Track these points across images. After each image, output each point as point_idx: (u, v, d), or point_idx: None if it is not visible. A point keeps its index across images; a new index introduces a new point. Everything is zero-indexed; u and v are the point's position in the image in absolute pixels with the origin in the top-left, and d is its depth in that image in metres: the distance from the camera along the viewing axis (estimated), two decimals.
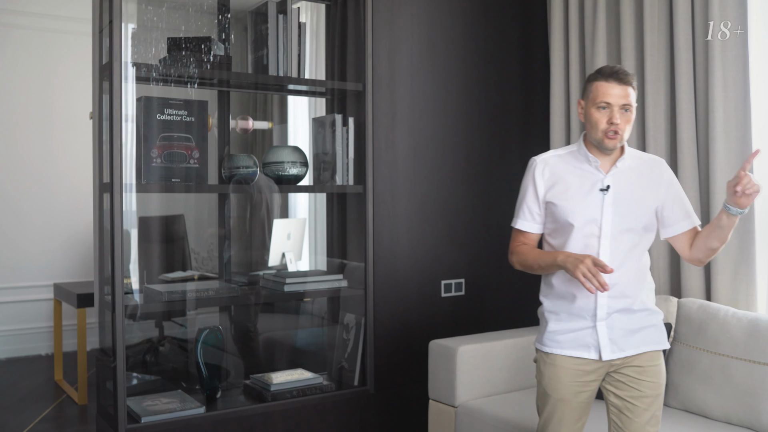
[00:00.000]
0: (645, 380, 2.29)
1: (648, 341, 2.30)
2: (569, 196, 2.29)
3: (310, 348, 3.91)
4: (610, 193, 2.27)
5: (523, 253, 2.37)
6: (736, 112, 3.04)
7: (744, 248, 3.02)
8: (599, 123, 2.24)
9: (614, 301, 2.26)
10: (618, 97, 2.22)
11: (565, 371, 2.29)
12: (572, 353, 2.29)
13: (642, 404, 2.29)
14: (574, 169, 2.32)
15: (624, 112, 2.24)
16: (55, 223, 6.01)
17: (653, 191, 2.31)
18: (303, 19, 3.50)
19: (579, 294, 2.28)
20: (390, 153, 3.51)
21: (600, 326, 2.26)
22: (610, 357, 2.26)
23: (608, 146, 2.25)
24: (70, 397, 4.70)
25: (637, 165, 2.33)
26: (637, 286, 2.30)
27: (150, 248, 4.30)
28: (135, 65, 3.03)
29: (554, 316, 2.34)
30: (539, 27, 3.99)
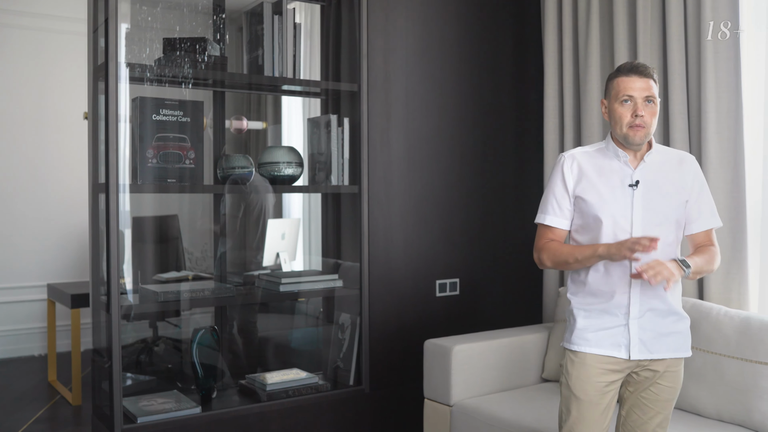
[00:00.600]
0: (663, 384, 2.30)
1: (675, 347, 2.30)
2: (598, 191, 2.28)
3: (305, 348, 3.92)
4: (639, 188, 2.27)
5: (553, 249, 2.34)
6: (728, 113, 3.06)
7: (736, 248, 3.05)
8: (623, 117, 2.25)
9: (647, 299, 2.26)
10: (640, 89, 2.23)
11: (593, 370, 2.27)
12: (601, 351, 2.27)
13: (656, 407, 2.31)
14: (602, 165, 2.32)
15: (647, 104, 2.24)
16: (49, 224, 6.00)
17: (681, 186, 2.31)
18: (298, 20, 3.51)
19: (612, 291, 2.26)
20: (385, 153, 3.53)
21: (632, 324, 2.26)
22: (639, 357, 2.26)
23: (635, 140, 2.25)
24: (64, 398, 4.70)
25: (665, 160, 2.33)
26: (673, 287, 2.25)
27: (144, 248, 4.30)
28: (129, 65, 3.03)
29: (584, 313, 2.31)
30: (533, 28, 4.01)
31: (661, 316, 2.28)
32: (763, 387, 2.66)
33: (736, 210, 3.05)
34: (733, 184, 3.06)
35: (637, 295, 2.25)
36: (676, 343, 2.30)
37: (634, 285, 2.24)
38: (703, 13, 3.10)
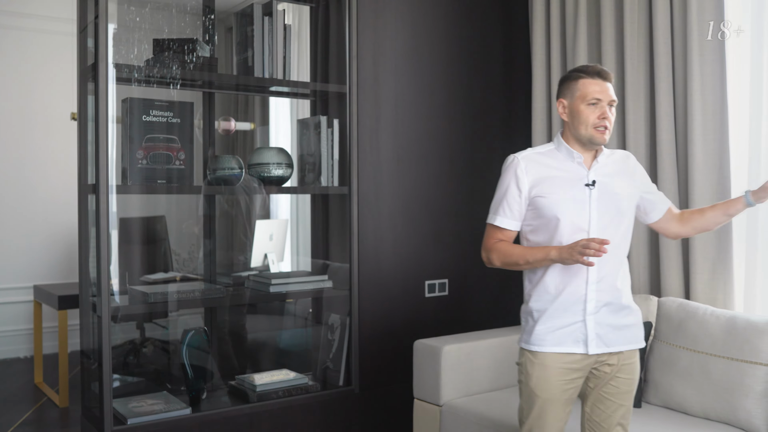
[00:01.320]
0: (621, 377, 2.35)
1: (630, 340, 2.36)
2: (556, 191, 2.31)
3: (294, 348, 3.93)
4: (595, 187, 2.32)
5: (503, 250, 2.37)
6: (714, 114, 3.10)
7: (721, 248, 3.09)
8: (589, 118, 2.29)
9: (603, 294, 2.30)
10: (607, 93, 2.30)
11: (554, 370, 2.30)
12: (561, 349, 2.30)
13: (618, 399, 2.36)
14: (557, 166, 2.36)
15: (611, 108, 2.32)
16: (35, 225, 5.96)
17: (630, 183, 2.40)
18: (288, 22, 3.52)
19: (569, 289, 2.30)
20: (374, 154, 3.54)
21: (589, 320, 2.29)
22: (596, 351, 2.30)
23: (599, 141, 2.31)
24: (51, 400, 4.67)
25: (613, 160, 2.42)
26: (624, 279, 2.36)
27: (131, 250, 4.29)
28: (119, 66, 3.03)
29: (542, 314, 2.33)
30: (521, 29, 4.04)
31: (615, 311, 2.33)
32: (748, 385, 2.69)
33: None
34: (718, 185, 3.10)
35: (594, 291, 2.29)
36: (630, 335, 2.36)
37: (590, 282, 2.29)
38: (689, 15, 3.14)
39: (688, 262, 3.24)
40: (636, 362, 2.39)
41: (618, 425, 2.37)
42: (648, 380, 3.02)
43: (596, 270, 2.27)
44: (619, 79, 3.50)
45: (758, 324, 2.74)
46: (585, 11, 3.63)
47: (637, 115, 3.40)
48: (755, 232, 3.09)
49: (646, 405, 2.99)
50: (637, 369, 2.40)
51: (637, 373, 2.40)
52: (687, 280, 3.26)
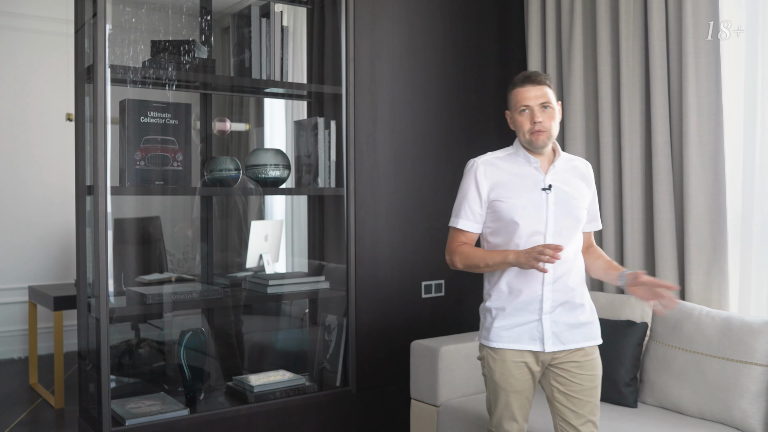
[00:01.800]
0: (583, 373, 2.42)
1: (587, 337, 2.43)
2: (513, 195, 2.39)
3: (291, 349, 3.93)
4: (552, 192, 2.38)
5: (465, 252, 2.45)
6: (709, 117, 3.13)
7: (716, 249, 3.11)
8: (524, 125, 2.38)
9: (559, 294, 2.38)
10: (535, 98, 2.36)
11: (513, 364, 2.40)
12: (518, 346, 2.39)
13: (584, 396, 2.42)
14: (515, 170, 2.43)
15: (545, 110, 2.37)
16: (29, 226, 5.94)
17: (584, 190, 2.46)
18: (285, 23, 3.52)
19: (526, 289, 2.38)
20: (371, 156, 3.55)
21: (545, 319, 2.38)
22: (552, 349, 2.39)
23: (537, 144, 2.37)
24: (46, 401, 4.66)
25: (570, 166, 2.48)
26: (579, 280, 2.44)
27: (126, 250, 4.29)
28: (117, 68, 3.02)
29: (500, 312, 2.42)
30: (517, 31, 4.05)
31: (571, 310, 2.40)
32: (743, 385, 2.71)
33: (717, 212, 3.11)
34: (713, 186, 3.12)
35: (549, 292, 2.37)
36: (586, 332, 2.43)
37: (546, 283, 2.37)
38: (684, 16, 3.16)
39: (683, 262, 3.26)
40: (596, 359, 2.45)
41: (588, 422, 2.42)
42: (644, 380, 3.04)
43: (552, 271, 2.35)
44: (615, 81, 3.52)
45: (753, 324, 2.76)
46: (580, 13, 3.65)
47: (632, 116, 3.42)
48: (750, 233, 3.12)
49: (642, 405, 3.01)
50: (598, 365, 2.46)
51: (599, 369, 2.45)
52: (682, 281, 3.28)
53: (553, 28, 3.81)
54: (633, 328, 3.05)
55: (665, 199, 3.27)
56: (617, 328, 3.07)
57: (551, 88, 2.39)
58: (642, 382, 3.05)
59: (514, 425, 2.45)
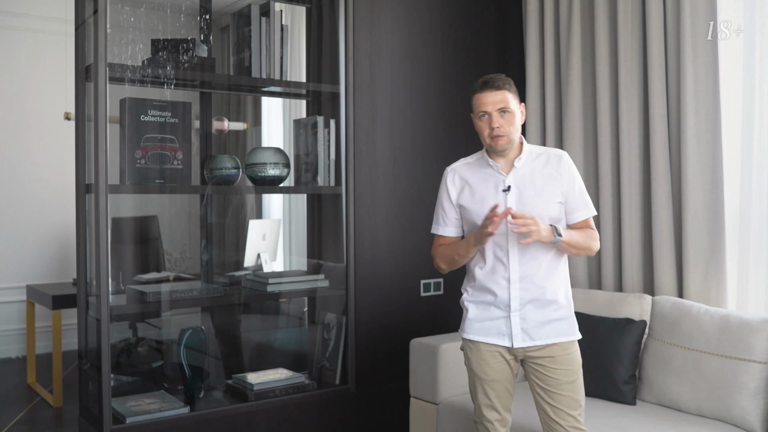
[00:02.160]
0: (559, 368, 2.45)
1: (558, 333, 2.46)
2: (476, 199, 2.48)
3: (291, 348, 3.94)
4: (512, 192, 2.44)
5: (441, 253, 2.58)
6: (707, 116, 3.14)
7: (714, 247, 3.13)
8: (483, 130, 2.44)
9: (526, 292, 2.43)
10: (492, 103, 2.40)
11: (487, 355, 2.49)
12: (489, 340, 2.48)
13: (562, 390, 2.45)
14: (479, 174, 2.51)
15: (503, 115, 2.41)
16: (27, 225, 5.94)
17: (554, 185, 2.46)
18: (285, 22, 3.53)
19: (494, 287, 2.46)
20: (370, 154, 3.56)
21: (513, 316, 2.44)
22: (521, 345, 2.44)
23: (497, 148, 2.43)
24: (45, 400, 4.66)
25: (537, 162, 2.49)
26: (548, 277, 2.45)
27: (124, 249, 4.29)
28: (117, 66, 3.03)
29: (474, 306, 2.52)
30: (516, 31, 4.07)
31: (541, 307, 2.44)
32: (741, 383, 2.73)
33: (715, 210, 3.13)
34: (711, 184, 3.14)
35: (517, 290, 2.43)
36: (558, 329, 2.45)
37: (512, 281, 2.43)
38: (682, 16, 3.17)
39: (681, 260, 3.28)
40: (572, 353, 2.47)
41: (568, 416, 2.45)
42: (642, 378, 3.06)
43: (517, 269, 2.42)
44: (613, 80, 3.53)
45: (751, 322, 2.78)
46: (578, 12, 3.66)
47: (631, 115, 3.44)
48: (747, 231, 3.13)
49: (641, 403, 3.02)
50: (575, 360, 2.47)
51: (577, 364, 2.47)
52: (680, 279, 3.29)
53: (552, 27, 3.82)
54: (632, 326, 3.06)
55: (663, 198, 3.29)
56: (616, 326, 3.08)
57: (512, 92, 2.43)
58: (641, 379, 3.06)
59: (494, 414, 2.52)
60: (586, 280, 3.65)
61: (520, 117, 2.45)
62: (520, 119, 2.45)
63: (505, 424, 2.54)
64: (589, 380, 3.04)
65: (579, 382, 2.47)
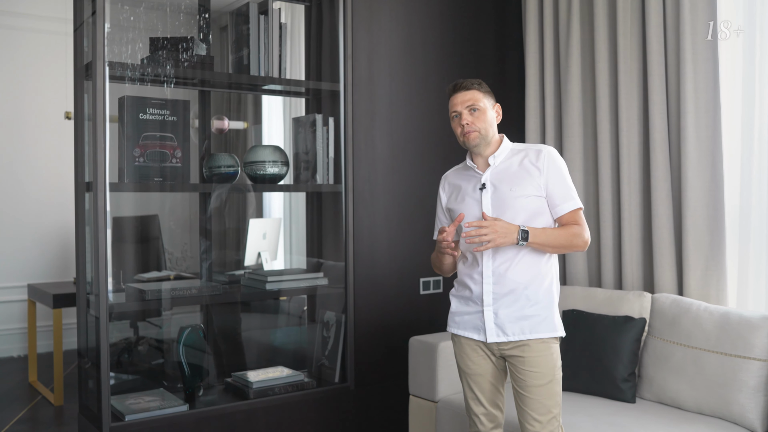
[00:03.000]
0: (528, 370, 2.43)
1: (530, 329, 2.44)
2: (459, 200, 2.55)
3: (290, 346, 3.94)
4: (487, 189, 2.47)
5: (432, 259, 2.66)
6: (707, 113, 3.13)
7: (714, 245, 3.12)
8: (456, 130, 2.50)
9: (498, 287, 2.45)
10: (461, 102, 2.48)
11: (468, 348, 2.54)
12: (466, 334, 2.53)
13: (530, 393, 2.44)
14: (463, 177, 2.59)
15: (473, 112, 2.47)
16: (28, 224, 5.95)
17: (532, 180, 2.46)
18: (284, 20, 3.53)
19: (470, 281, 2.50)
20: (369, 152, 3.56)
21: (486, 311, 2.47)
22: (495, 340, 2.46)
23: (470, 144, 2.48)
24: (46, 398, 4.67)
25: (516, 158, 2.51)
26: (523, 273, 2.44)
27: (124, 248, 4.29)
28: (116, 65, 3.03)
29: (455, 300, 2.59)
30: (515, 28, 4.06)
31: (514, 302, 2.44)
32: (741, 380, 2.72)
33: (715, 208, 3.12)
34: (711, 182, 3.13)
35: (490, 284, 2.46)
36: (532, 325, 2.44)
37: (486, 277, 2.45)
38: (682, 13, 3.17)
39: (681, 258, 3.27)
40: (546, 356, 2.43)
41: (534, 420, 2.43)
42: (642, 376, 3.05)
43: (489, 264, 2.44)
44: (612, 78, 3.53)
45: (751, 319, 2.77)
46: (578, 10, 3.65)
47: (630, 113, 3.43)
48: (747, 229, 3.12)
49: (640, 400, 3.01)
50: (548, 363, 2.43)
51: (548, 367, 2.43)
52: (680, 277, 3.29)
53: (551, 26, 3.81)
54: (631, 323, 3.05)
55: (663, 196, 3.28)
56: (615, 323, 3.08)
57: (482, 92, 2.49)
58: (640, 377, 3.06)
59: (480, 408, 2.54)
60: (585, 277, 3.65)
61: (493, 115, 2.51)
62: (493, 117, 2.51)
63: (492, 419, 2.55)
64: (589, 378, 3.05)
65: (551, 387, 2.43)
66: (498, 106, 2.54)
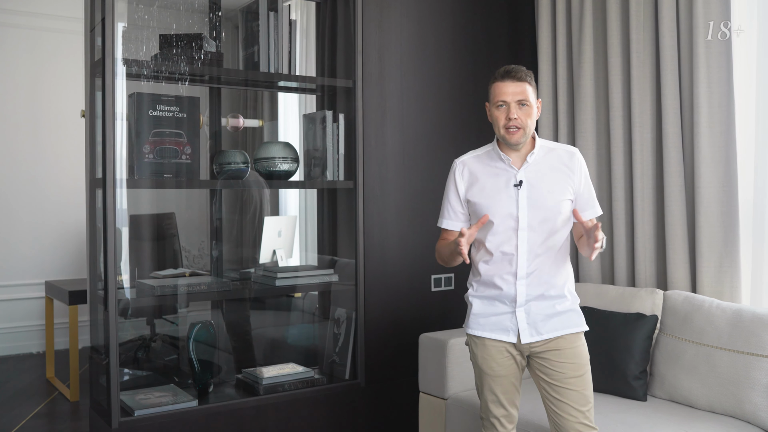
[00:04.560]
0: (565, 362, 2.41)
1: (565, 325, 2.42)
2: (486, 193, 2.43)
3: (301, 343, 3.94)
4: (523, 187, 2.40)
5: (438, 249, 2.55)
6: (720, 107, 3.09)
7: (728, 241, 3.08)
8: (499, 120, 2.39)
9: (532, 288, 2.41)
10: (513, 94, 2.36)
11: (493, 350, 2.46)
12: (493, 336, 2.45)
13: (568, 385, 2.41)
14: (489, 168, 2.46)
15: (521, 107, 2.36)
16: (46, 222, 6.02)
17: (566, 182, 2.42)
18: (294, 17, 3.53)
19: (500, 282, 2.43)
20: (380, 149, 3.55)
21: (519, 312, 2.42)
22: (529, 340, 2.42)
23: (511, 141, 2.38)
24: (62, 394, 4.72)
25: (550, 157, 2.45)
26: (555, 273, 2.43)
27: (141, 246, 4.32)
28: (126, 62, 3.05)
29: (478, 301, 2.49)
30: (527, 23, 4.03)
31: (546, 300, 2.42)
32: (754, 378, 2.68)
33: (728, 204, 3.08)
34: (725, 177, 3.09)
35: (524, 286, 2.40)
36: (568, 321, 2.43)
37: (519, 277, 2.40)
38: (695, 9, 3.13)
39: (694, 255, 3.23)
40: (578, 347, 2.43)
41: (576, 411, 2.40)
42: (653, 373, 3.01)
43: (525, 266, 2.38)
44: (625, 73, 3.49)
45: (764, 317, 2.73)
46: (591, 6, 3.62)
47: (643, 108, 3.39)
48: (762, 225, 3.08)
49: (652, 398, 2.98)
50: (583, 354, 2.43)
51: (584, 358, 2.43)
52: (693, 273, 3.25)
53: (563, 20, 3.78)
54: (643, 320, 3.02)
55: (676, 192, 3.24)
56: (627, 320, 3.05)
57: (532, 86, 2.39)
58: (652, 375, 3.02)
59: (500, 410, 2.49)
60: (599, 275, 3.61)
61: (536, 112, 2.41)
62: (536, 114, 2.41)
63: (511, 420, 2.52)
64: (600, 375, 3.01)
65: (587, 378, 2.43)
66: (540, 102, 2.45)
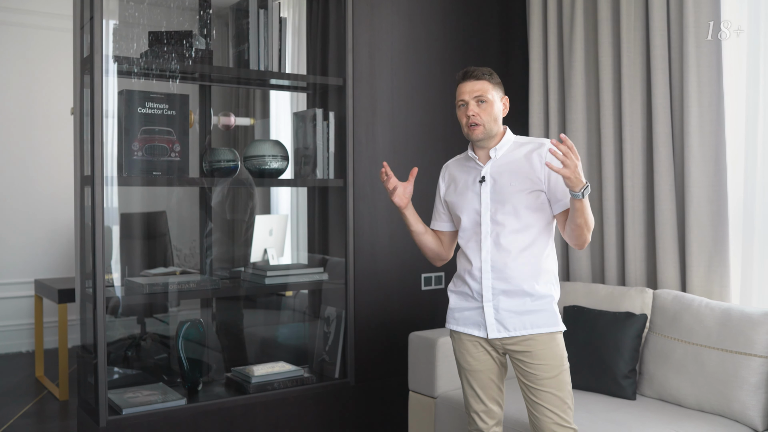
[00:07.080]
0: (538, 363, 2.40)
1: (535, 324, 2.40)
2: (458, 192, 2.53)
3: (291, 341, 3.93)
4: (486, 183, 2.44)
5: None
6: (710, 106, 3.10)
7: (718, 241, 3.08)
8: (461, 119, 2.46)
9: (498, 282, 2.41)
10: (470, 92, 2.42)
11: (468, 345, 2.50)
12: (466, 330, 2.49)
13: (542, 386, 2.40)
14: (463, 168, 2.56)
15: (480, 104, 2.42)
16: (36, 220, 5.99)
17: (532, 174, 2.41)
18: (284, 15, 3.52)
19: (468, 277, 2.46)
20: (370, 147, 3.54)
21: (487, 306, 2.43)
22: (496, 336, 2.42)
23: (473, 137, 2.44)
24: (51, 393, 4.70)
25: (518, 152, 2.46)
26: (524, 270, 2.40)
27: (132, 244, 4.30)
28: (116, 59, 3.04)
29: (454, 295, 2.55)
30: (518, 23, 4.03)
31: (514, 297, 2.41)
32: (742, 377, 2.68)
33: (718, 203, 3.08)
34: (714, 177, 3.09)
35: (489, 280, 2.42)
36: (534, 320, 2.40)
37: (485, 272, 2.42)
38: (686, 9, 3.13)
39: (684, 254, 3.23)
40: (553, 347, 2.40)
41: (551, 412, 2.39)
42: (642, 372, 3.02)
43: (488, 259, 2.41)
44: (616, 72, 3.49)
45: (753, 315, 2.73)
46: (581, 4, 3.62)
47: (633, 107, 3.40)
48: (751, 224, 3.09)
49: (641, 397, 2.98)
50: (556, 355, 2.40)
51: (557, 359, 2.40)
52: (683, 273, 3.25)
53: (555, 19, 3.79)
54: (632, 319, 3.02)
55: (666, 191, 3.24)
56: (616, 319, 3.05)
57: (492, 83, 2.43)
58: (641, 374, 3.02)
59: (480, 405, 2.51)
60: (589, 274, 3.61)
61: (500, 108, 2.45)
62: (500, 110, 2.45)
63: (492, 416, 2.52)
64: (589, 374, 3.02)
65: (561, 378, 2.40)
66: (506, 99, 2.49)
